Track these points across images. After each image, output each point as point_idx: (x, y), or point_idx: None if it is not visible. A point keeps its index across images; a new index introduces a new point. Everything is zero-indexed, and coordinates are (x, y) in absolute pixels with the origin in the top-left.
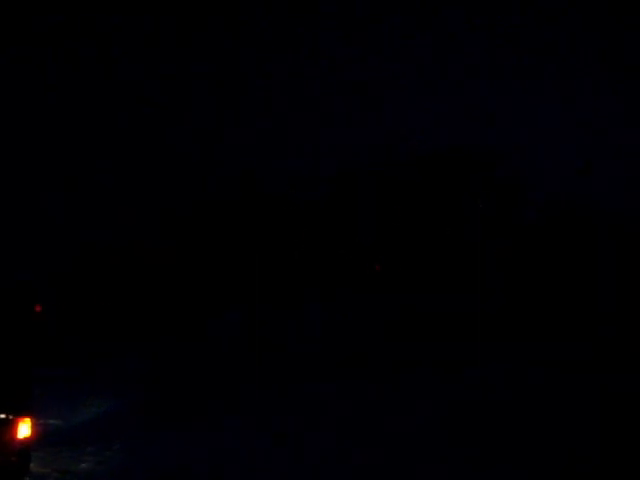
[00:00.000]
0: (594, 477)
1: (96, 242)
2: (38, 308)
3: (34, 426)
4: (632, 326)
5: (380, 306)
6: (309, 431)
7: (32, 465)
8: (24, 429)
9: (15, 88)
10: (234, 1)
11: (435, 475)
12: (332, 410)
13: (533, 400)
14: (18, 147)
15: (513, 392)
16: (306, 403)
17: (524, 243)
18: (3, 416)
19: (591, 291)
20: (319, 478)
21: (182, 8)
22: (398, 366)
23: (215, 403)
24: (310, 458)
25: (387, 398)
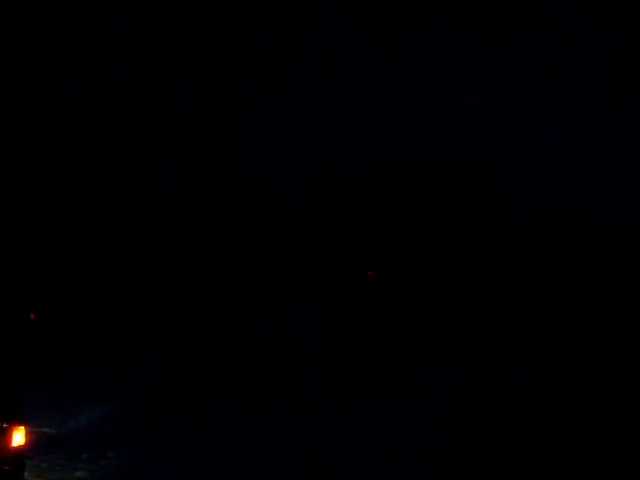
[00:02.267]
0: None
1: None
2: (33, 316)
3: (28, 434)
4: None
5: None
6: None
7: (26, 474)
8: (18, 437)
9: (14, 88)
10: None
11: None
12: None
13: None
14: (15, 147)
15: None
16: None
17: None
18: None
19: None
20: None
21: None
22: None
23: (216, 408)
24: None
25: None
